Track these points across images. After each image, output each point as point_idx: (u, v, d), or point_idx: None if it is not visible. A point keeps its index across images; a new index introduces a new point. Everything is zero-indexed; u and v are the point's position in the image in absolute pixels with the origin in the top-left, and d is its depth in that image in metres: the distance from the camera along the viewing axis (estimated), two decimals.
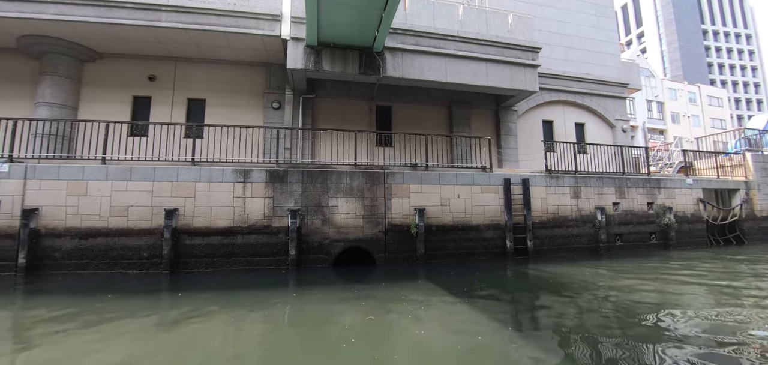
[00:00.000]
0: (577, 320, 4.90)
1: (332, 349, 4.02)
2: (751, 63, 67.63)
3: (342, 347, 4.06)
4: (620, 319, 4.86)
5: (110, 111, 10.07)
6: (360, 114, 11.84)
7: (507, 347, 4.00)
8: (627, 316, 4.96)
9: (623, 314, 5.07)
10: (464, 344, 4.08)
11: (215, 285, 6.87)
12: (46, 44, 9.50)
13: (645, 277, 7.57)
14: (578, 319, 4.93)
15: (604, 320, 4.90)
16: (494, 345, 4.07)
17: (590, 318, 4.98)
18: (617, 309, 5.31)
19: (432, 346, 4.07)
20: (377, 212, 8.83)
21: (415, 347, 4.05)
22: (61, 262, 7.32)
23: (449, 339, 4.28)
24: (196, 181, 8.03)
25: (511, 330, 4.49)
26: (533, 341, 4.12)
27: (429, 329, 4.61)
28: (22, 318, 5.17)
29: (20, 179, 7.37)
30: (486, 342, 4.14)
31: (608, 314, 5.15)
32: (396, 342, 4.28)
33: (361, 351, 3.99)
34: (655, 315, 4.93)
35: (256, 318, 5.12)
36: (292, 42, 9.34)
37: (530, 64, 11.26)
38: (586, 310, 5.36)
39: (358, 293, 6.42)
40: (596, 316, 5.08)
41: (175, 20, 8.92)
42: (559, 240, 10.26)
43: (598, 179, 10.96)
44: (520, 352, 3.82)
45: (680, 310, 5.20)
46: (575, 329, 4.52)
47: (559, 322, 4.80)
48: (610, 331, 4.44)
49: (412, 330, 4.61)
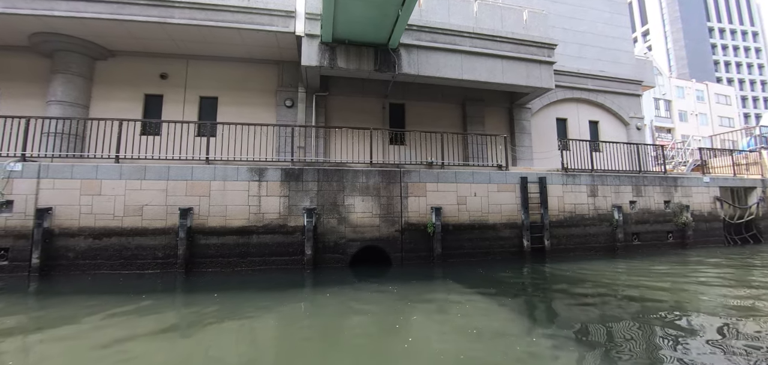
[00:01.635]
0: (605, 323, 4.73)
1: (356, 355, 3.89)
2: (758, 61, 66.94)
3: (366, 352, 3.93)
4: (647, 320, 4.71)
5: (122, 109, 9.94)
6: (373, 112, 11.69)
7: (537, 348, 3.86)
8: (656, 319, 4.80)
9: (652, 316, 4.91)
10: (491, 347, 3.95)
11: (232, 286, 6.75)
12: (57, 42, 9.39)
13: (674, 278, 7.39)
14: (606, 323, 4.76)
15: (633, 322, 4.74)
16: (522, 346, 3.94)
17: (620, 322, 4.81)
18: (644, 311, 5.15)
19: (458, 349, 3.93)
20: (393, 211, 8.69)
21: (441, 351, 3.91)
22: (75, 262, 7.21)
23: (475, 343, 4.12)
24: (211, 180, 7.90)
25: (538, 333, 4.34)
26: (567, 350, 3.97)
27: (456, 329, 4.47)
28: (29, 320, 5.05)
29: (33, 178, 7.26)
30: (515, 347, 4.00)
31: (635, 315, 4.98)
32: (424, 344, 4.14)
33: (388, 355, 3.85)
34: (704, 327, 4.76)
35: (273, 322, 4.98)
36: (306, 39, 9.20)
37: (546, 60, 11.08)
38: (616, 314, 5.20)
39: (382, 295, 6.28)
40: (626, 319, 4.91)
41: (188, 17, 8.79)
42: (576, 239, 10.09)
43: (614, 177, 10.78)
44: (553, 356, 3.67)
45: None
46: (603, 333, 4.36)
47: (586, 324, 4.65)
48: (640, 333, 4.30)
49: (442, 331, 4.47)
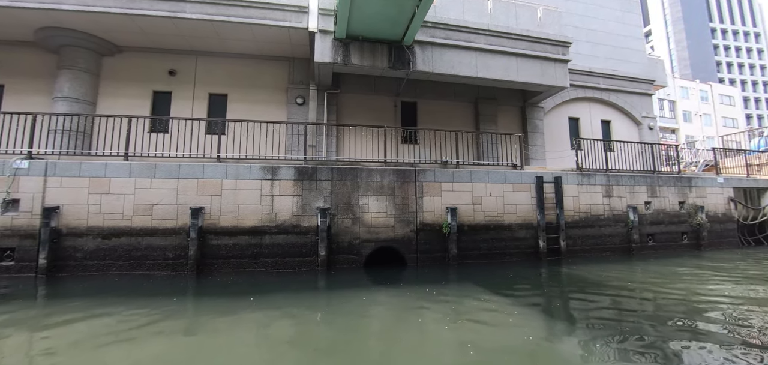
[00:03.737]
0: (632, 331, 4.54)
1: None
2: (760, 62, 66.94)
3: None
4: (669, 325, 4.53)
5: (129, 106, 9.73)
6: (385, 110, 11.49)
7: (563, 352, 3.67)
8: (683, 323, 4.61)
9: (677, 319, 4.72)
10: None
11: (246, 289, 6.54)
12: (64, 37, 9.17)
13: (702, 279, 7.21)
14: (632, 329, 4.57)
15: (658, 324, 4.57)
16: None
17: (647, 325, 4.63)
18: (668, 315, 4.97)
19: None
20: (408, 211, 8.50)
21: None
22: (83, 263, 7.01)
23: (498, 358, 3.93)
24: (223, 178, 7.70)
25: (567, 339, 4.15)
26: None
27: (481, 339, 4.28)
28: (38, 326, 4.74)
29: (40, 176, 7.05)
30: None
31: (661, 317, 4.81)
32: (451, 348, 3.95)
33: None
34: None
35: (290, 330, 4.78)
36: (319, 35, 8.99)
37: (561, 59, 10.90)
38: (645, 318, 5.02)
39: (400, 299, 6.08)
40: (651, 320, 4.73)
41: (199, 11, 8.58)
42: (591, 240, 9.92)
43: (629, 177, 10.60)
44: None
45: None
46: (632, 341, 4.16)
47: (611, 330, 4.44)
48: (667, 335, 4.12)
49: (472, 338, 4.27)
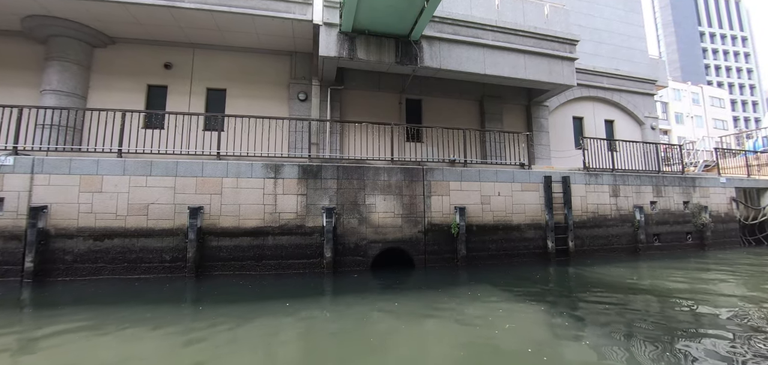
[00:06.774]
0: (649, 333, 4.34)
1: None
2: (747, 65, 68.49)
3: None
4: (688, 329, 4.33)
5: (122, 100, 9.21)
6: (390, 107, 11.17)
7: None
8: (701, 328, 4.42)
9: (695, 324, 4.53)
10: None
11: (249, 295, 6.17)
12: (53, 26, 8.64)
13: (715, 280, 7.07)
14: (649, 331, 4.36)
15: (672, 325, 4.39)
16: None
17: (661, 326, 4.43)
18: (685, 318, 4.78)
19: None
20: (416, 211, 8.21)
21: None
22: (73, 266, 6.56)
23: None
24: (223, 176, 7.31)
25: (586, 342, 3.92)
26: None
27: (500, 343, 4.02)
28: (23, 348, 4.06)
29: (27, 173, 6.58)
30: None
31: (678, 319, 4.62)
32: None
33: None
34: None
35: (294, 338, 4.46)
36: (324, 28, 8.64)
37: (568, 56, 10.75)
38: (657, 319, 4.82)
39: (412, 304, 5.79)
40: (666, 321, 4.54)
41: (199, 1, 8.13)
42: (599, 240, 9.79)
43: (635, 177, 10.50)
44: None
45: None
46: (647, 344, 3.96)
47: (628, 333, 4.26)
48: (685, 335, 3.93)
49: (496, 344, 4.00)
